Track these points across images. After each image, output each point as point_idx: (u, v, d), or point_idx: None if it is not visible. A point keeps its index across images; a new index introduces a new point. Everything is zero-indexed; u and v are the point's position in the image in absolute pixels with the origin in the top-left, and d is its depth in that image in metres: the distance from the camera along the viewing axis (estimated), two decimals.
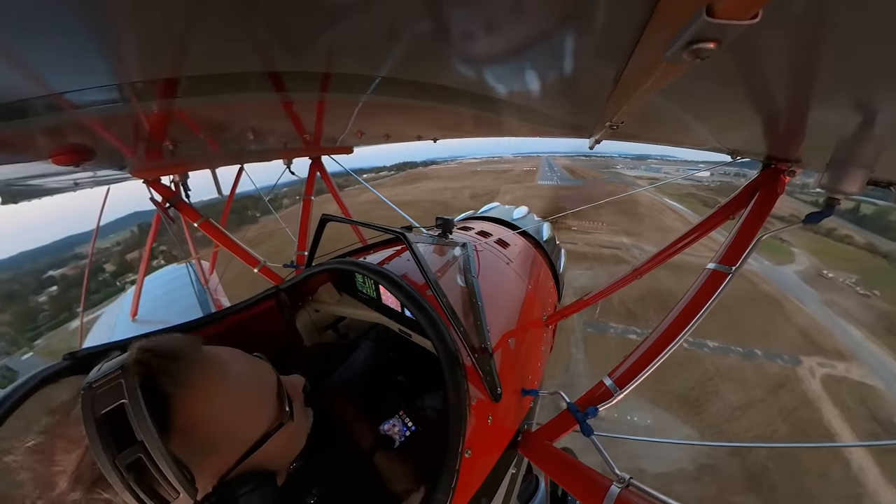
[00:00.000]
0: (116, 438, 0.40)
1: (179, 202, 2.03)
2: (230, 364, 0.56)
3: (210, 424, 0.49)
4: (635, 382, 1.04)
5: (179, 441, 0.45)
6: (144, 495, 0.40)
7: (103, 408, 0.41)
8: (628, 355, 1.11)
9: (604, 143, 1.38)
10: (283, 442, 0.59)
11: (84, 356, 0.75)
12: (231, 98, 1.00)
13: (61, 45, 0.48)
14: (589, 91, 1.05)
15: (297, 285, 1.47)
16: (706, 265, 1.13)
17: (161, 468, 0.41)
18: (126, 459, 0.39)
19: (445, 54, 0.82)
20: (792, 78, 0.56)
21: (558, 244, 2.75)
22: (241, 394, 0.55)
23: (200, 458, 0.47)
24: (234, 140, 1.76)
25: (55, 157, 0.96)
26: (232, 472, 0.51)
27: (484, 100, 1.33)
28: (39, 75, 0.56)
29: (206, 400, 0.49)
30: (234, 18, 0.53)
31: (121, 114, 0.90)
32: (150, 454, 0.40)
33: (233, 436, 0.52)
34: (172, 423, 0.45)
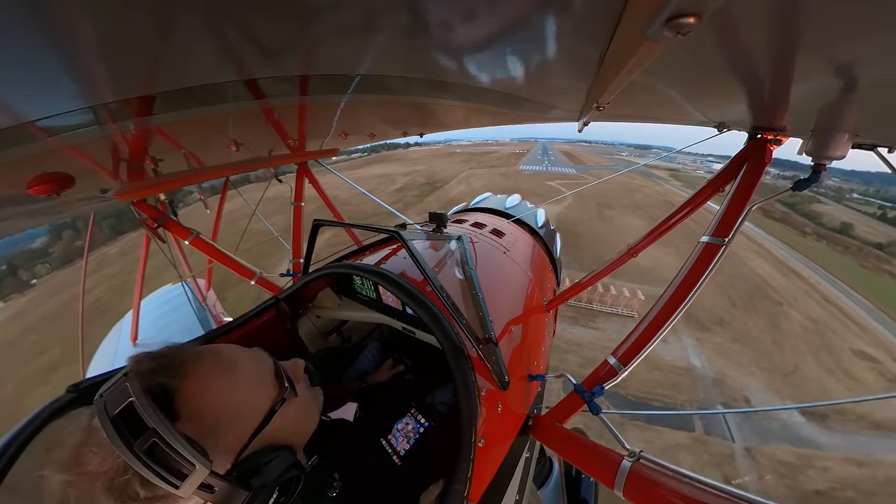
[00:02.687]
0: (132, 431, 0.45)
1: (168, 220, 1.99)
2: (223, 352, 0.62)
3: (215, 407, 0.54)
4: (638, 359, 1.06)
5: (189, 425, 0.50)
6: (165, 472, 0.45)
7: (115, 409, 0.46)
8: (630, 333, 1.12)
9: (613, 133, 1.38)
10: (291, 417, 0.65)
11: (88, 387, 0.76)
12: (210, 110, 0.97)
13: (28, 72, 0.46)
14: (574, 74, 1.04)
15: (295, 293, 1.46)
16: (699, 239, 1.14)
17: (174, 446, 0.45)
18: (143, 445, 0.44)
19: (424, 47, 0.81)
20: (772, 47, 0.56)
21: (553, 229, 2.75)
22: (239, 376, 0.60)
23: (213, 437, 0.52)
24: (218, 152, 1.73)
25: (33, 189, 0.94)
26: (248, 448, 0.56)
27: (468, 90, 1.32)
28: (7, 104, 0.54)
29: (206, 386, 0.55)
30: (203, 29, 0.51)
31: (98, 137, 0.88)
32: (162, 437, 0.45)
33: (238, 415, 0.57)
34: (179, 409, 0.50)
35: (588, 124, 1.57)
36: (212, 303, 4.15)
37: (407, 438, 1.12)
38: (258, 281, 2.20)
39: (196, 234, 2.05)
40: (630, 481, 0.77)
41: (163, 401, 0.49)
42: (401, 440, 1.11)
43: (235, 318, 1.29)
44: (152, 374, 0.51)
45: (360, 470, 0.94)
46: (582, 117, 1.66)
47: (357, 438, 1.12)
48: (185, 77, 0.70)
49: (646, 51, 0.52)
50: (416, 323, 1.38)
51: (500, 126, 3.16)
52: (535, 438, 1.10)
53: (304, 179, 2.78)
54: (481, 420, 0.87)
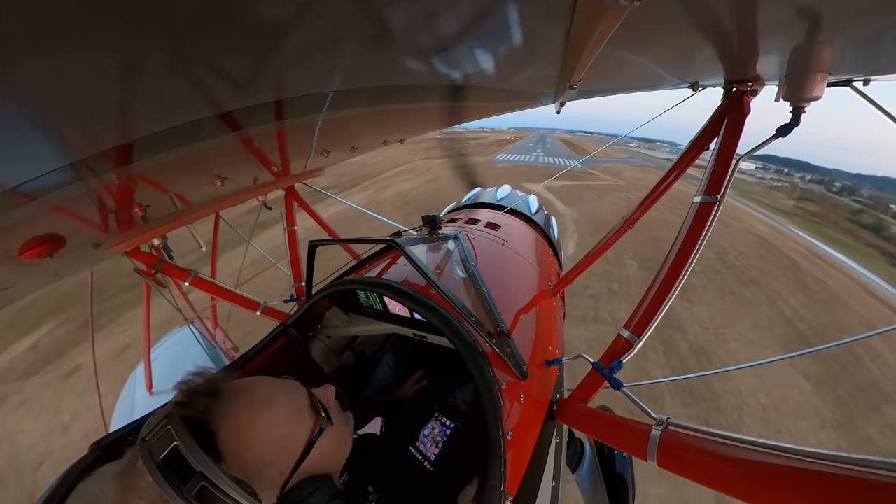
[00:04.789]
0: (180, 476, 0.45)
1: (164, 265, 1.99)
2: (259, 388, 0.61)
3: (257, 444, 0.54)
4: (651, 327, 1.06)
5: (234, 464, 0.50)
6: None
7: (160, 454, 0.46)
8: (639, 303, 1.12)
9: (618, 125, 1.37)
10: (328, 446, 0.64)
11: (111, 443, 0.76)
12: (188, 149, 0.97)
13: (1, 138, 0.46)
14: (542, 57, 1.04)
15: (302, 317, 1.46)
16: (692, 199, 1.14)
17: (223, 489, 0.46)
18: (192, 490, 0.44)
19: (391, 55, 0.81)
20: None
21: (547, 213, 2.76)
22: (278, 411, 0.59)
23: (258, 474, 0.52)
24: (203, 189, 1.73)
25: (25, 255, 0.94)
26: (291, 481, 0.56)
27: (441, 90, 1.32)
28: None
29: (247, 425, 0.54)
30: (168, 71, 0.51)
31: (82, 193, 0.87)
32: (211, 480, 0.45)
33: (280, 450, 0.57)
34: (223, 450, 0.50)
35: (564, 104, 1.58)
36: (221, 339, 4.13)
37: (435, 443, 1.12)
38: (263, 311, 2.20)
39: (195, 273, 2.05)
40: (662, 450, 0.76)
41: (206, 442, 0.48)
42: (429, 445, 1.11)
43: (247, 351, 1.29)
44: (193, 414, 0.51)
45: (393, 481, 0.94)
46: (558, 99, 1.66)
47: (386, 450, 1.12)
48: (158, 120, 0.70)
49: (607, 21, 0.52)
50: (427, 327, 1.38)
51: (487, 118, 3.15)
52: (562, 423, 1.10)
53: (294, 203, 2.78)
54: (506, 413, 0.87)
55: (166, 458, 0.46)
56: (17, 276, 1.41)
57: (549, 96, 1.69)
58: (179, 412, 0.51)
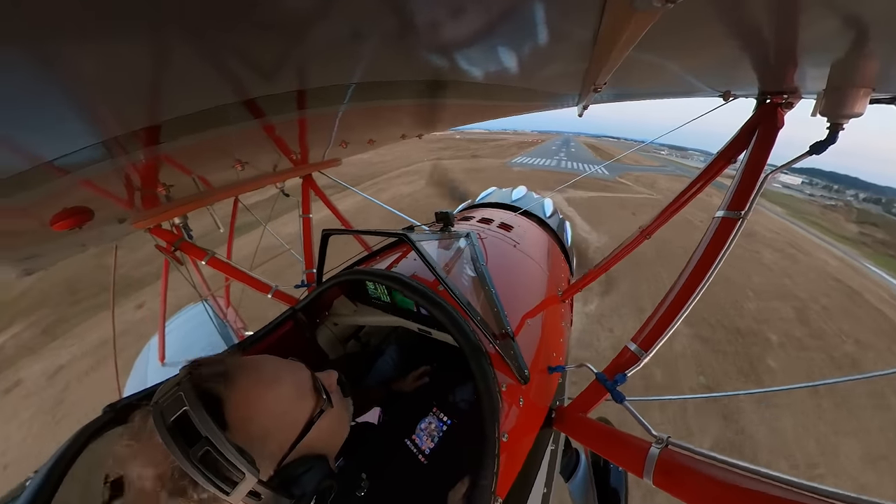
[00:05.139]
0: (186, 439, 0.48)
1: (183, 243, 2.06)
2: (266, 365, 0.64)
3: (260, 417, 0.56)
4: (659, 342, 1.03)
5: (238, 434, 0.52)
6: (217, 479, 0.47)
7: (170, 417, 0.49)
8: (649, 317, 1.09)
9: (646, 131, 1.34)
10: (326, 428, 0.66)
11: (123, 407, 0.80)
12: (213, 133, 1.00)
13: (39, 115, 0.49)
14: (568, 57, 1.02)
15: (311, 303, 1.49)
16: (715, 214, 1.09)
17: (226, 455, 0.48)
18: (197, 453, 0.47)
19: (414, 49, 0.81)
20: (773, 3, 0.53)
21: (562, 217, 2.72)
22: (282, 388, 0.62)
23: (259, 446, 0.54)
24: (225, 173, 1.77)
25: (56, 225, 0.99)
26: (288, 457, 0.58)
27: (463, 87, 1.31)
28: (26, 148, 0.57)
29: (252, 397, 0.57)
30: (197, 56, 0.52)
31: (111, 170, 0.91)
32: (215, 446, 0.48)
33: (281, 425, 0.59)
34: (228, 419, 0.53)
35: (587, 108, 1.54)
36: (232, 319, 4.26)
37: (431, 437, 1.12)
38: (274, 294, 2.25)
39: (212, 253, 2.11)
40: (659, 468, 0.75)
41: (214, 410, 0.51)
42: (425, 439, 1.12)
43: (256, 332, 1.32)
44: (204, 385, 0.54)
45: (386, 470, 0.95)
46: (581, 101, 1.63)
47: (382, 440, 1.13)
48: (186, 104, 0.72)
49: (637, 23, 0.51)
50: (432, 323, 1.39)
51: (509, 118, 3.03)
52: (559, 430, 1.09)
53: (311, 191, 2.82)
54: (504, 415, 0.86)
55: (175, 422, 0.48)
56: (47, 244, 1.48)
57: (572, 98, 1.66)
58: (191, 381, 0.53)
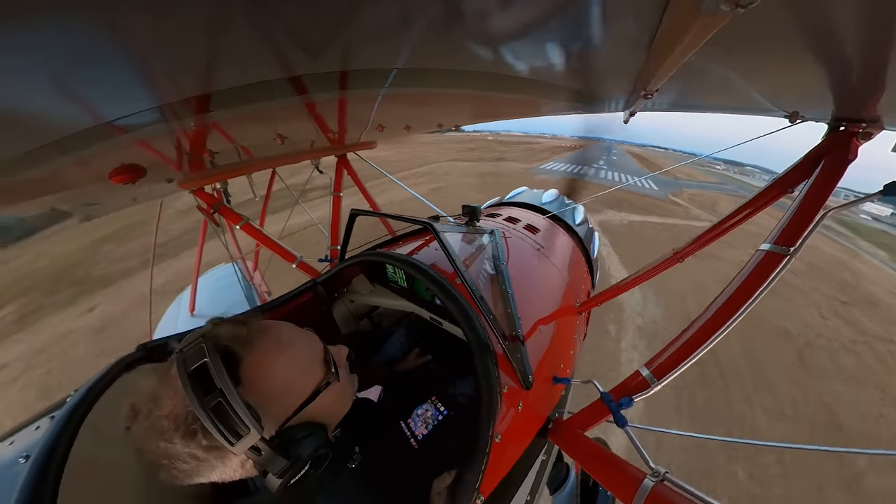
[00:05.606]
0: (203, 388, 0.51)
1: (222, 207, 2.18)
2: (284, 331, 0.67)
3: (271, 379, 0.59)
4: (674, 373, 0.97)
5: (248, 391, 0.55)
6: (225, 430, 0.50)
7: (191, 366, 0.52)
8: (668, 344, 1.03)
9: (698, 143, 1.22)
10: (331, 399, 0.69)
11: (153, 347, 0.88)
12: (259, 106, 1.04)
13: (106, 78, 0.53)
14: (619, 57, 0.97)
15: (332, 278, 1.54)
16: (759, 246, 1.00)
17: (235, 409, 0.51)
18: (210, 403, 0.50)
19: (460, 38, 0.80)
20: (865, 14, 0.46)
21: (591, 227, 2.62)
22: (294, 355, 0.65)
23: (266, 405, 0.57)
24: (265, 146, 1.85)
25: (113, 178, 1.08)
26: (291, 420, 0.61)
27: (505, 81, 1.28)
28: (92, 107, 0.62)
29: (267, 359, 0.60)
30: (252, 31, 0.54)
31: (164, 133, 0.98)
32: (227, 399, 0.51)
33: (289, 390, 0.62)
34: (242, 376, 0.56)
35: (634, 114, 1.46)
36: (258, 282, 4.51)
37: (425, 424, 1.14)
38: (299, 265, 2.35)
39: (246, 219, 2.23)
40: (650, 502, 0.73)
41: (231, 366, 0.54)
42: (419, 425, 1.15)
43: (278, 297, 1.39)
44: (225, 341, 0.57)
45: (379, 447, 0.98)
46: (628, 107, 1.54)
47: (379, 418, 1.16)
48: (236, 76, 0.75)
49: (701, 28, 0.47)
50: (444, 314, 1.40)
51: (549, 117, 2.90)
52: (553, 442, 1.07)
53: (344, 171, 2.89)
54: (500, 416, 0.86)
55: (195, 371, 0.52)
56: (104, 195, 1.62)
57: (619, 102, 1.58)
58: (214, 335, 0.57)
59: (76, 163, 0.95)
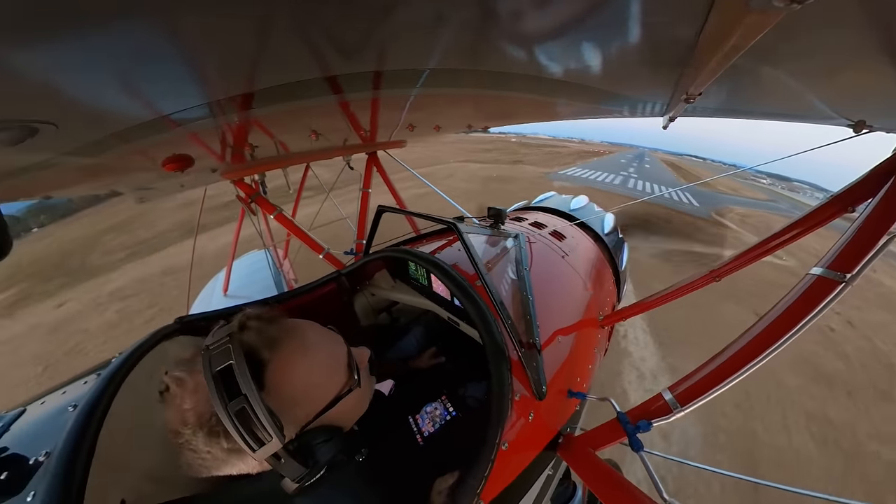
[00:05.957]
0: (227, 390, 0.51)
1: (259, 198, 2.32)
2: (309, 335, 0.66)
3: (294, 384, 0.59)
4: (701, 401, 0.89)
5: (271, 396, 0.54)
6: (247, 436, 0.50)
7: (217, 367, 0.52)
8: (697, 369, 0.95)
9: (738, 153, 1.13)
10: (350, 405, 0.68)
11: (189, 321, 0.95)
12: (297, 104, 1.10)
13: (164, 76, 0.58)
14: (660, 58, 0.92)
15: (355, 271, 1.59)
16: (809, 269, 0.90)
17: (259, 416, 0.50)
18: (234, 408, 0.50)
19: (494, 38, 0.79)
20: None
21: (621, 238, 2.50)
22: (319, 360, 0.64)
23: (288, 410, 0.56)
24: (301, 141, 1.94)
25: (165, 166, 1.18)
26: (310, 426, 0.61)
27: (537, 82, 1.26)
28: (151, 102, 0.68)
29: (291, 363, 0.59)
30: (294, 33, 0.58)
31: (211, 127, 1.06)
32: (251, 405, 0.50)
33: (311, 395, 0.62)
34: (266, 381, 0.55)
35: (674, 120, 1.38)
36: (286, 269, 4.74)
37: (433, 422, 1.15)
38: (325, 256, 2.44)
39: (279, 210, 2.35)
40: None
41: (256, 370, 0.54)
42: (426, 422, 1.15)
43: (303, 285, 1.45)
44: (251, 342, 0.56)
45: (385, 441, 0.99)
46: (667, 112, 1.47)
47: (388, 411, 1.18)
48: (278, 76, 0.79)
49: (751, 25, 0.43)
50: (462, 315, 1.40)
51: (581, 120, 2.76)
52: (562, 458, 1.03)
53: (373, 168, 2.97)
54: (509, 424, 0.85)
55: (221, 372, 0.52)
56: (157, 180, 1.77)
57: (657, 107, 1.51)
58: (241, 336, 0.57)
59: (135, 151, 1.05)
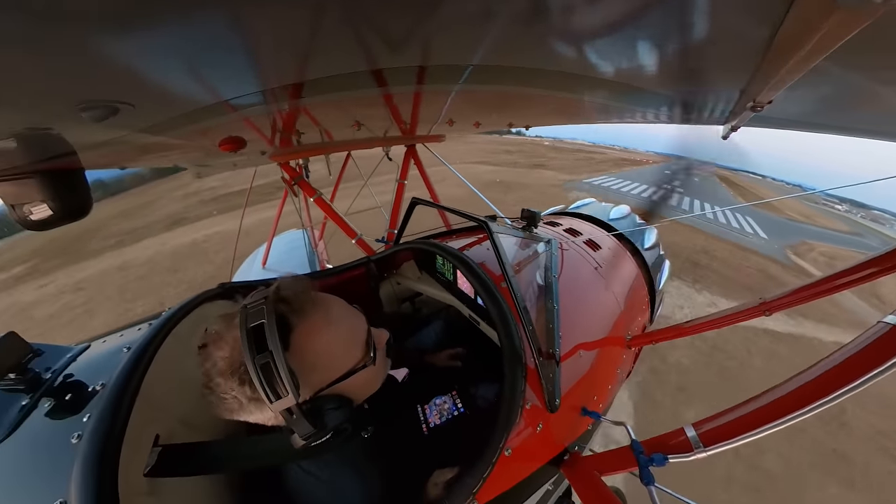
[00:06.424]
0: (257, 345, 0.57)
1: (301, 181, 2.45)
2: (335, 309, 0.72)
3: (315, 351, 0.64)
4: (727, 445, 0.79)
5: (294, 357, 0.60)
6: (268, 387, 0.56)
7: (251, 324, 0.59)
8: (729, 409, 0.85)
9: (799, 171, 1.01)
10: (363, 380, 0.73)
11: (230, 287, 1.05)
12: (343, 95, 1.14)
13: (227, 64, 0.63)
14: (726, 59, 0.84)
15: (384, 258, 1.64)
16: (883, 318, 0.74)
17: (280, 372, 0.56)
18: (260, 361, 0.56)
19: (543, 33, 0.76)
20: None
21: (662, 255, 2.32)
22: (340, 333, 0.69)
23: (306, 373, 0.62)
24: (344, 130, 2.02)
25: (222, 147, 1.29)
26: (324, 391, 0.66)
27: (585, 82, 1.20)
28: (214, 88, 0.75)
29: (315, 331, 0.65)
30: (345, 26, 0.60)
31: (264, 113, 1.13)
32: (274, 361, 0.56)
33: (329, 364, 0.67)
34: (291, 343, 0.61)
35: (736, 129, 1.26)
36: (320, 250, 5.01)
37: (440, 414, 1.16)
38: (358, 241, 2.54)
39: (319, 194, 2.47)
40: None
41: (283, 331, 0.59)
42: (434, 414, 1.16)
43: (334, 267, 1.53)
44: (283, 307, 0.62)
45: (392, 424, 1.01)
46: (730, 120, 1.34)
47: (399, 397, 1.21)
48: (328, 68, 0.83)
49: (838, 25, 0.38)
50: (483, 315, 1.40)
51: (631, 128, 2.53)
52: (565, 475, 0.99)
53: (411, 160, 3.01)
54: (516, 431, 0.84)
55: (254, 329, 0.58)
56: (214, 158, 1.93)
57: (717, 114, 1.38)
58: (275, 300, 0.63)
59: (197, 131, 1.15)
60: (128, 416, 0.67)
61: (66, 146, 0.88)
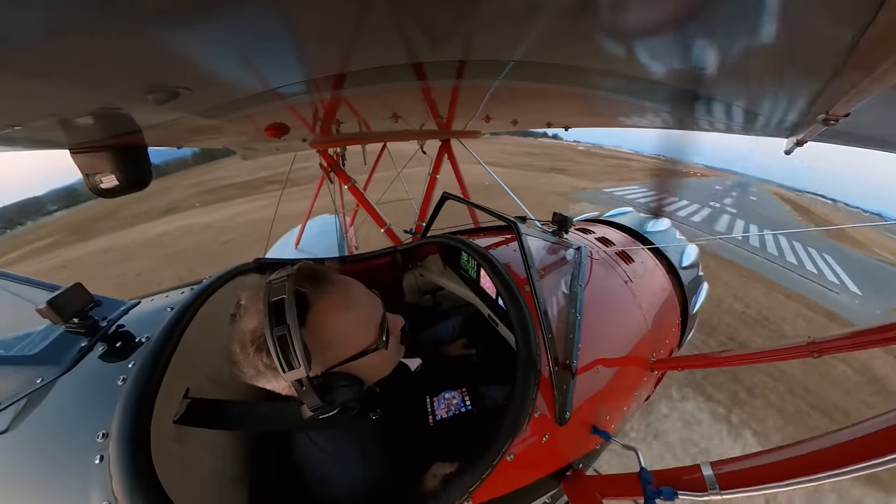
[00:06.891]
0: (277, 318, 0.60)
1: (337, 168, 2.54)
2: (353, 291, 0.75)
3: (330, 329, 0.67)
4: (745, 492, 0.71)
5: (309, 333, 0.63)
6: (282, 357, 0.59)
7: (273, 298, 0.62)
8: (753, 454, 0.77)
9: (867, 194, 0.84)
10: (375, 362, 0.75)
11: (264, 263, 1.14)
12: (383, 87, 1.17)
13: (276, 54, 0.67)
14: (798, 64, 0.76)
15: (410, 250, 1.66)
16: None
17: (294, 345, 0.59)
18: (278, 333, 0.59)
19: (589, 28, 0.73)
20: None
21: (700, 275, 2.15)
22: (355, 314, 0.72)
23: (319, 349, 0.65)
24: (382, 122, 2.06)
25: (267, 132, 1.37)
26: (336, 369, 0.69)
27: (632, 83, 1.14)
28: (263, 76, 0.79)
29: (331, 310, 0.68)
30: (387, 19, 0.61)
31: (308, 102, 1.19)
32: (290, 335, 0.59)
33: (342, 342, 0.70)
34: (308, 319, 0.64)
35: (803, 144, 1.13)
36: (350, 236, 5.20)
37: (447, 409, 1.16)
38: (386, 231, 2.59)
39: (353, 182, 2.54)
40: None
41: (301, 308, 0.63)
42: (441, 407, 1.17)
43: (362, 254, 1.58)
44: (303, 287, 0.66)
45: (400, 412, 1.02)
46: (796, 133, 1.21)
47: (410, 385, 1.23)
48: (370, 60, 0.85)
49: None
50: (503, 316, 1.38)
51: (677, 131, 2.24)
52: (564, 491, 0.95)
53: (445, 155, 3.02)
54: (521, 437, 0.82)
55: (275, 303, 0.62)
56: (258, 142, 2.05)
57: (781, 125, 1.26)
58: (297, 278, 0.67)
59: (245, 117, 1.24)
60: (166, 367, 0.75)
61: (133, 125, 0.99)
